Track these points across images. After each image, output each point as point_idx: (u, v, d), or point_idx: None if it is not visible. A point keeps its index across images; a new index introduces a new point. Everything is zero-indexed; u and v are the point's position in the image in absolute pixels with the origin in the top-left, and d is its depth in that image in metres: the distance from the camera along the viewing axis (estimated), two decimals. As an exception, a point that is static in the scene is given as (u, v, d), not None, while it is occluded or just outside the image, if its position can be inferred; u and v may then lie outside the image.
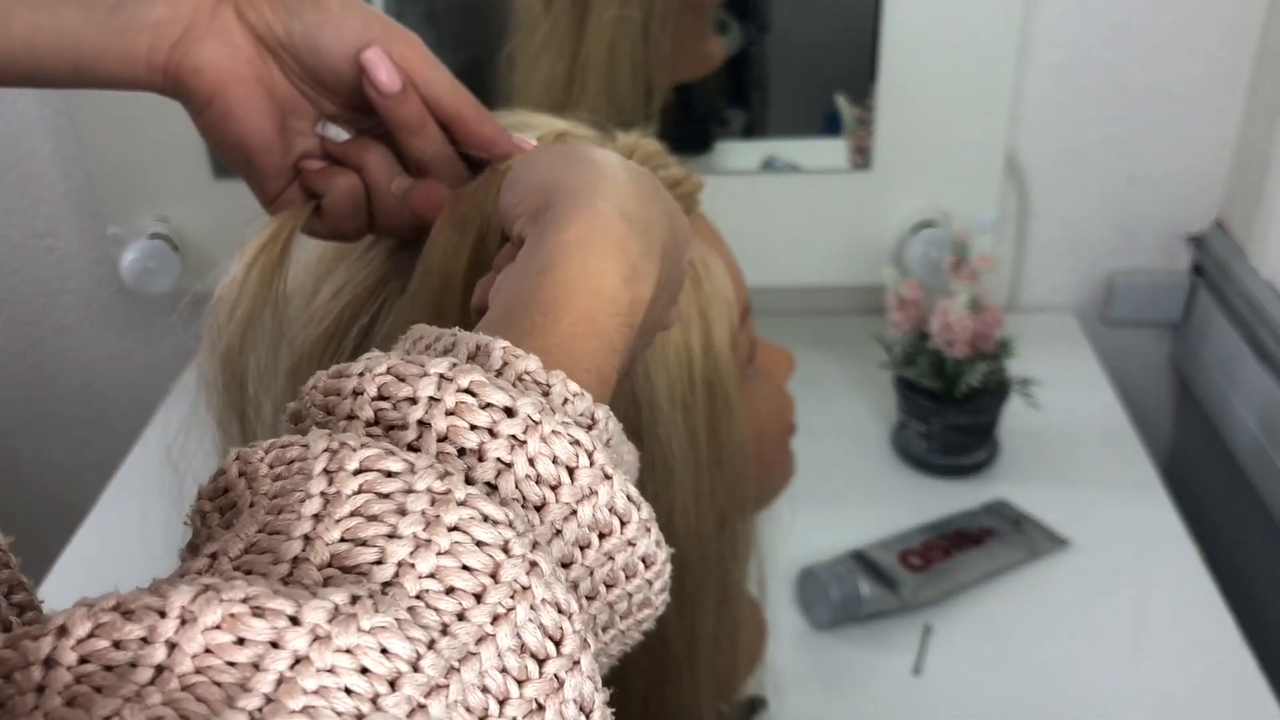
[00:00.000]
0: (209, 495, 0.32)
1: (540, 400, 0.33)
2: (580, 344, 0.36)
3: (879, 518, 0.99)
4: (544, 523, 0.32)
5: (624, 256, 0.38)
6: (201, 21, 0.44)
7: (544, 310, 0.36)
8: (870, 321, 1.17)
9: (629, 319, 0.38)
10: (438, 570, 0.28)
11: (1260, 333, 1.07)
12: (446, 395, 0.32)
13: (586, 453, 0.33)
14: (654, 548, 0.35)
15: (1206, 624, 0.89)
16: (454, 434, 0.32)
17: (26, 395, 1.40)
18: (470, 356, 0.35)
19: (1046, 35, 1.12)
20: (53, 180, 1.24)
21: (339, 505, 0.29)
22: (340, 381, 0.34)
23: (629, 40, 1.02)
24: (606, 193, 0.39)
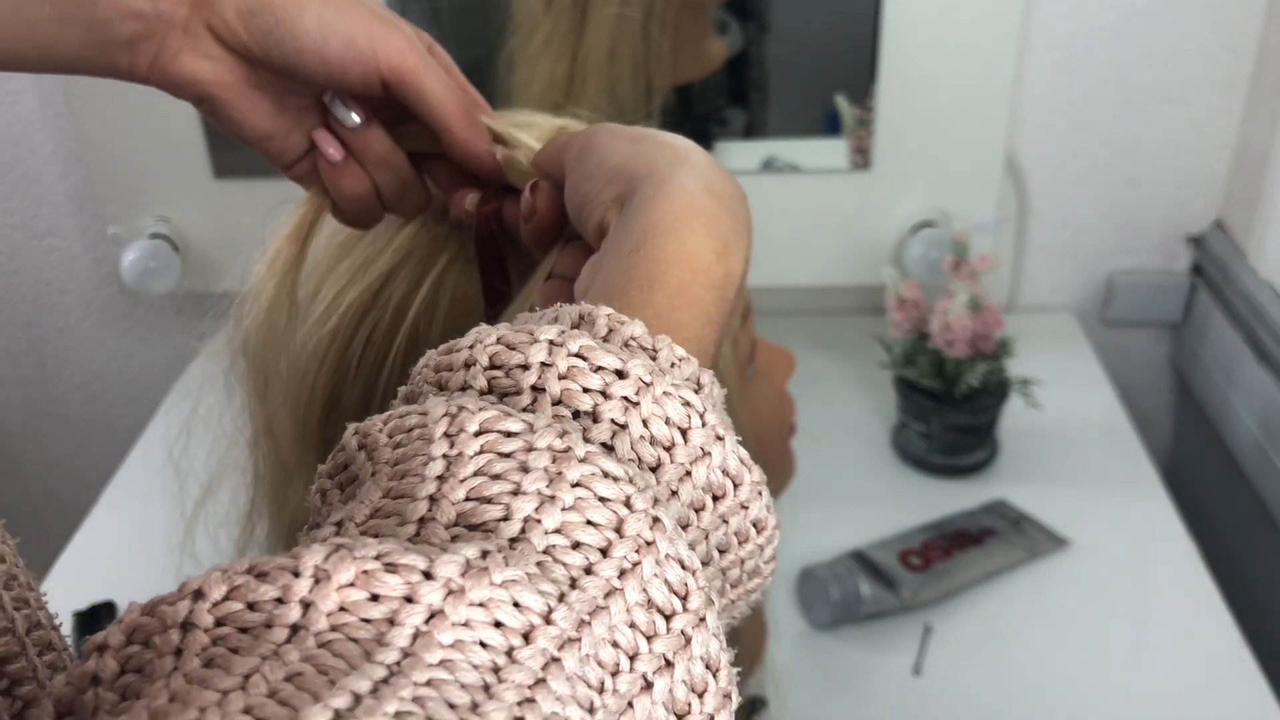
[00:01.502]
0: (328, 473, 0.32)
1: (649, 362, 0.33)
2: (678, 314, 0.36)
3: (879, 518, 0.99)
4: (660, 483, 0.32)
5: (715, 231, 0.38)
6: (174, 38, 0.43)
7: (639, 284, 0.36)
8: (870, 321, 1.17)
9: (723, 291, 0.38)
10: (563, 525, 0.28)
11: (1260, 333, 1.07)
12: (558, 360, 0.32)
13: (698, 414, 0.33)
14: (765, 512, 0.35)
15: (1206, 623, 0.89)
16: (568, 397, 0.32)
17: (27, 395, 1.40)
18: (575, 325, 0.35)
19: (1046, 36, 1.12)
20: (53, 180, 1.24)
21: (462, 466, 0.29)
22: (451, 356, 0.34)
23: (629, 40, 1.02)
24: (691, 172, 0.39)
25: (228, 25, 0.43)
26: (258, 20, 0.43)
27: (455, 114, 0.47)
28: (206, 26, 0.43)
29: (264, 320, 0.51)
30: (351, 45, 0.44)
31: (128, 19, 0.43)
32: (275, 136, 0.47)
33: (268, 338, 0.52)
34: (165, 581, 0.61)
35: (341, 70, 0.44)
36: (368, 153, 0.48)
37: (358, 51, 0.44)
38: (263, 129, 0.47)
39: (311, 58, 0.43)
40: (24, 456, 1.45)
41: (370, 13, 0.44)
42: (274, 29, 0.43)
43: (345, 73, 0.44)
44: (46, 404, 1.41)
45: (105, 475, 1.11)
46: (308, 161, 0.49)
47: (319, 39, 0.43)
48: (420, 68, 0.45)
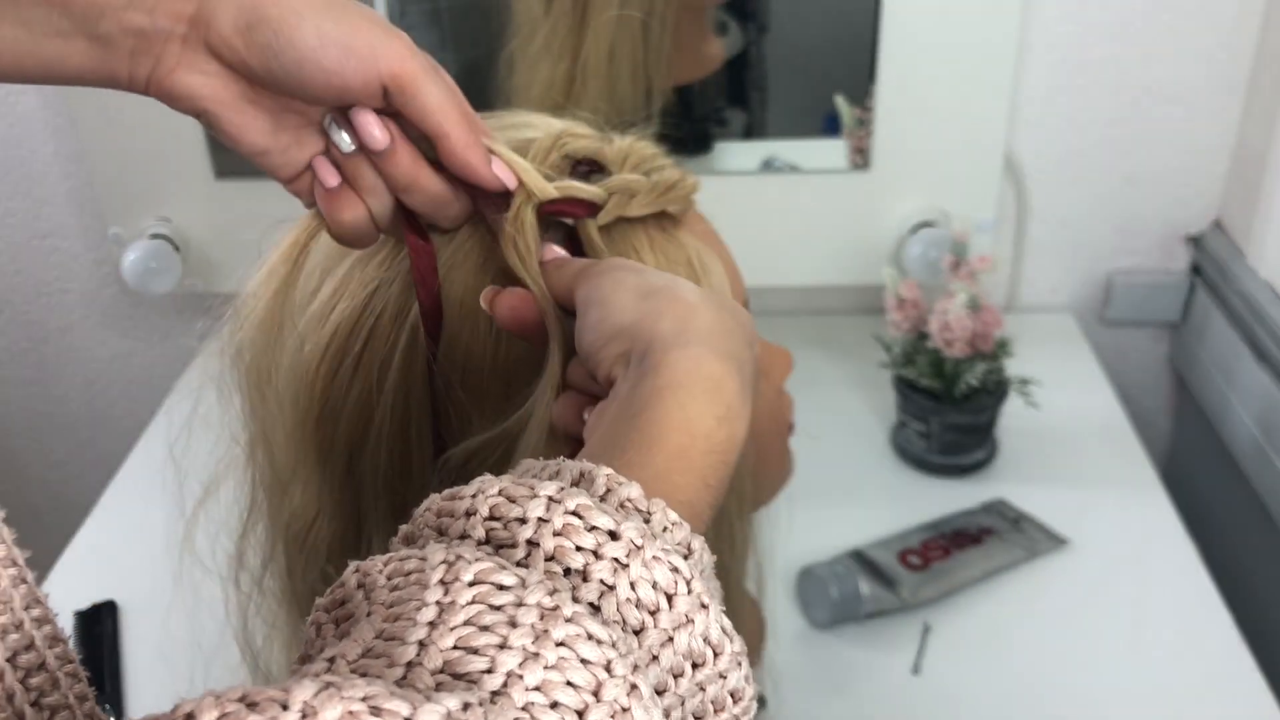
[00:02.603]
0: (325, 607, 0.33)
1: (642, 525, 0.34)
2: (675, 477, 0.37)
3: (878, 517, 0.99)
4: (642, 647, 0.33)
5: (719, 396, 0.39)
6: (171, 54, 0.43)
7: (639, 445, 0.38)
8: (869, 321, 1.17)
9: (723, 456, 0.39)
10: (544, 684, 0.29)
11: (1258, 332, 1.08)
12: (555, 516, 0.33)
13: (685, 580, 0.34)
14: (743, 683, 0.36)
15: (1205, 622, 0.89)
16: (561, 554, 0.33)
17: (29, 394, 1.41)
18: (574, 482, 0.36)
19: (1045, 36, 1.12)
20: (55, 181, 1.25)
21: (453, 614, 0.30)
22: (454, 503, 0.35)
23: (629, 42, 1.02)
24: (697, 336, 0.40)
25: (225, 41, 0.43)
26: (256, 35, 0.43)
27: (455, 121, 0.46)
28: (204, 43, 0.43)
29: (257, 335, 0.52)
30: (351, 53, 0.43)
31: (127, 35, 0.43)
32: (272, 152, 0.47)
33: (262, 352, 0.52)
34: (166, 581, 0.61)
35: (342, 78, 0.44)
36: (362, 179, 0.48)
37: (358, 59, 0.44)
38: (259, 144, 0.47)
39: (311, 67, 0.43)
40: (25, 456, 1.45)
41: (369, 21, 0.44)
42: (273, 42, 0.43)
43: (345, 81, 0.44)
44: (48, 404, 1.41)
45: (106, 475, 1.11)
46: (306, 178, 0.49)
47: (318, 48, 0.43)
48: (420, 73, 0.45)
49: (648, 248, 0.51)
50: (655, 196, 0.51)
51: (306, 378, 0.51)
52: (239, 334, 0.52)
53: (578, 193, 0.50)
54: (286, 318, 0.51)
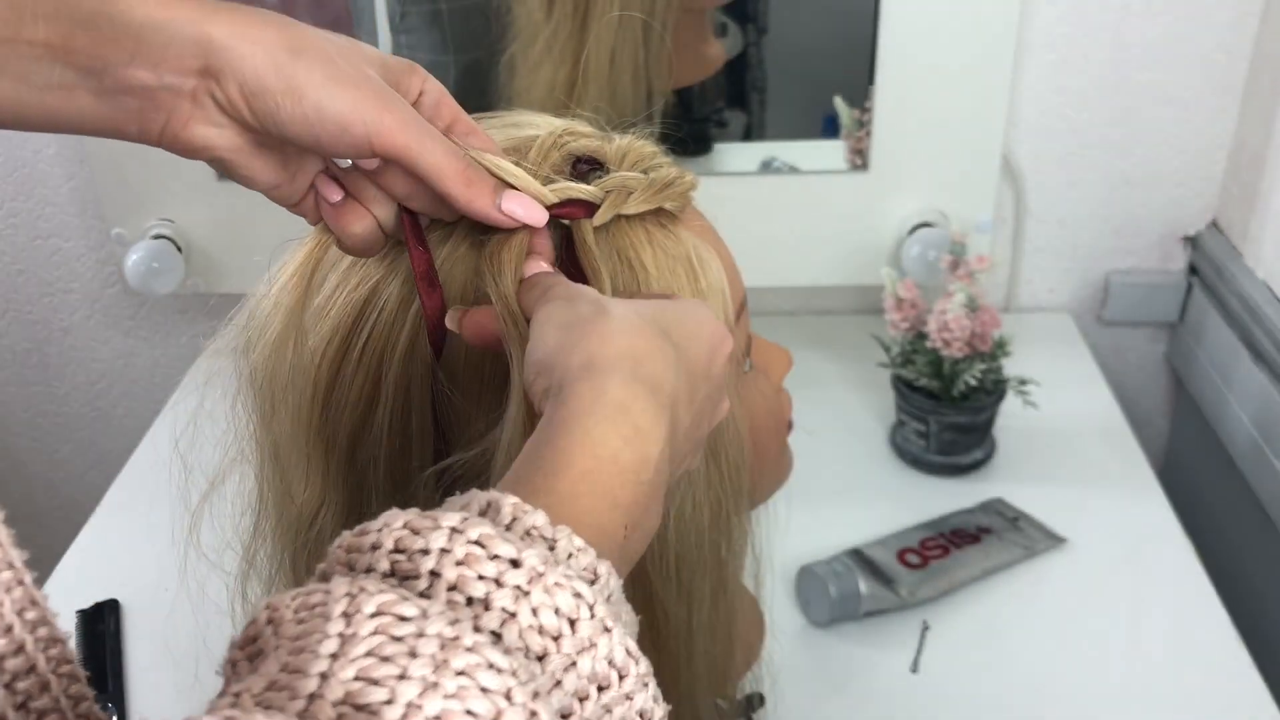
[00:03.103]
0: (240, 644, 0.34)
1: (545, 553, 0.35)
2: (581, 500, 0.38)
3: (877, 516, 0.99)
4: (545, 672, 0.33)
5: (624, 419, 0.39)
6: (183, 109, 0.44)
7: (546, 473, 0.38)
8: (868, 321, 1.18)
9: (634, 476, 0.39)
10: (443, 713, 0.29)
11: (1255, 332, 1.08)
12: (456, 546, 0.34)
13: (588, 605, 0.34)
14: (650, 703, 0.36)
15: (1202, 621, 0.90)
16: (462, 583, 0.34)
17: (32, 394, 1.41)
18: (482, 512, 0.36)
19: (1043, 37, 1.12)
20: (58, 181, 1.25)
21: (355, 645, 0.30)
22: (361, 539, 0.35)
23: (630, 45, 1.02)
24: (604, 365, 0.41)
25: (231, 102, 0.44)
26: (259, 102, 0.44)
27: (454, 182, 0.47)
28: (211, 98, 0.44)
29: (271, 353, 0.52)
30: (346, 131, 0.45)
31: (133, 91, 0.43)
32: (283, 184, 0.49)
33: (276, 369, 0.52)
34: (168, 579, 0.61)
35: (336, 150, 0.46)
36: (364, 190, 0.49)
37: (351, 136, 0.45)
38: (272, 181, 0.48)
39: (309, 140, 0.45)
40: (28, 456, 1.46)
41: (365, 92, 0.45)
42: (274, 113, 0.44)
43: (341, 152, 0.46)
44: (50, 404, 1.42)
45: (109, 475, 1.12)
46: (311, 198, 0.50)
47: (316, 124, 0.44)
48: (413, 145, 0.46)
49: (646, 244, 0.51)
50: (652, 193, 0.52)
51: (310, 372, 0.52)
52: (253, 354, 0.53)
53: (575, 194, 0.50)
54: (300, 333, 0.52)
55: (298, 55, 0.44)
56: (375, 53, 0.48)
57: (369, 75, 0.46)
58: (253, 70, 0.43)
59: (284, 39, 0.44)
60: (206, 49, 0.43)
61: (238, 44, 0.43)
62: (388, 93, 0.46)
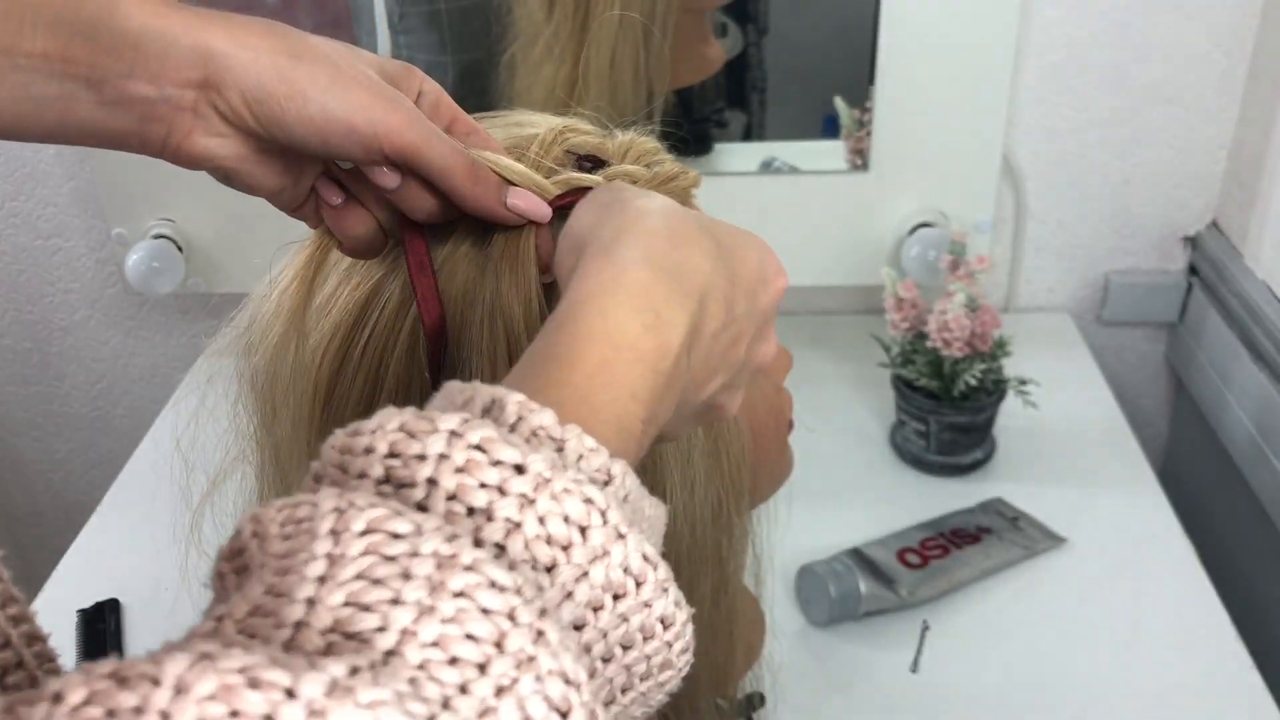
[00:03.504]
0: (225, 556, 0.32)
1: (553, 456, 0.33)
2: (598, 394, 0.36)
3: (877, 516, 0.99)
4: (555, 585, 0.32)
5: (645, 303, 0.37)
6: (184, 120, 0.44)
7: (560, 362, 0.36)
8: (868, 321, 1.18)
9: (653, 365, 0.37)
10: (441, 639, 0.28)
11: (1255, 332, 1.08)
12: (456, 452, 0.32)
13: (599, 511, 0.33)
14: (672, 608, 0.35)
15: (1202, 621, 0.90)
16: (463, 492, 0.32)
17: (32, 394, 1.41)
18: (485, 410, 0.34)
19: (1043, 37, 1.12)
20: (58, 181, 1.25)
21: (343, 567, 0.28)
22: (354, 439, 0.33)
23: (630, 45, 1.03)
24: (632, 241, 0.39)
25: (234, 110, 0.44)
26: (263, 108, 0.44)
27: (461, 180, 0.47)
28: (213, 107, 0.44)
29: (273, 356, 0.52)
30: (353, 131, 0.44)
31: (133, 103, 0.43)
32: (286, 190, 0.49)
33: (277, 371, 0.52)
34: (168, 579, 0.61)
35: (344, 152, 0.45)
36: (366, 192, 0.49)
37: (359, 136, 0.45)
38: (275, 187, 0.48)
39: (315, 142, 0.45)
40: (28, 455, 1.46)
41: (370, 93, 0.45)
42: (279, 117, 0.44)
43: (347, 154, 0.45)
44: (51, 403, 1.42)
45: (109, 474, 1.12)
46: (312, 203, 0.50)
47: (323, 126, 0.44)
48: (420, 144, 0.46)
49: None
50: (655, 186, 0.52)
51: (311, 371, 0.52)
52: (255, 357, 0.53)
53: (578, 183, 0.50)
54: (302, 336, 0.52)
55: (299, 59, 0.44)
56: (371, 56, 0.48)
57: (371, 76, 0.46)
58: (255, 76, 0.43)
59: (284, 45, 0.44)
60: (206, 58, 0.43)
61: (237, 51, 0.43)
62: (392, 92, 0.46)
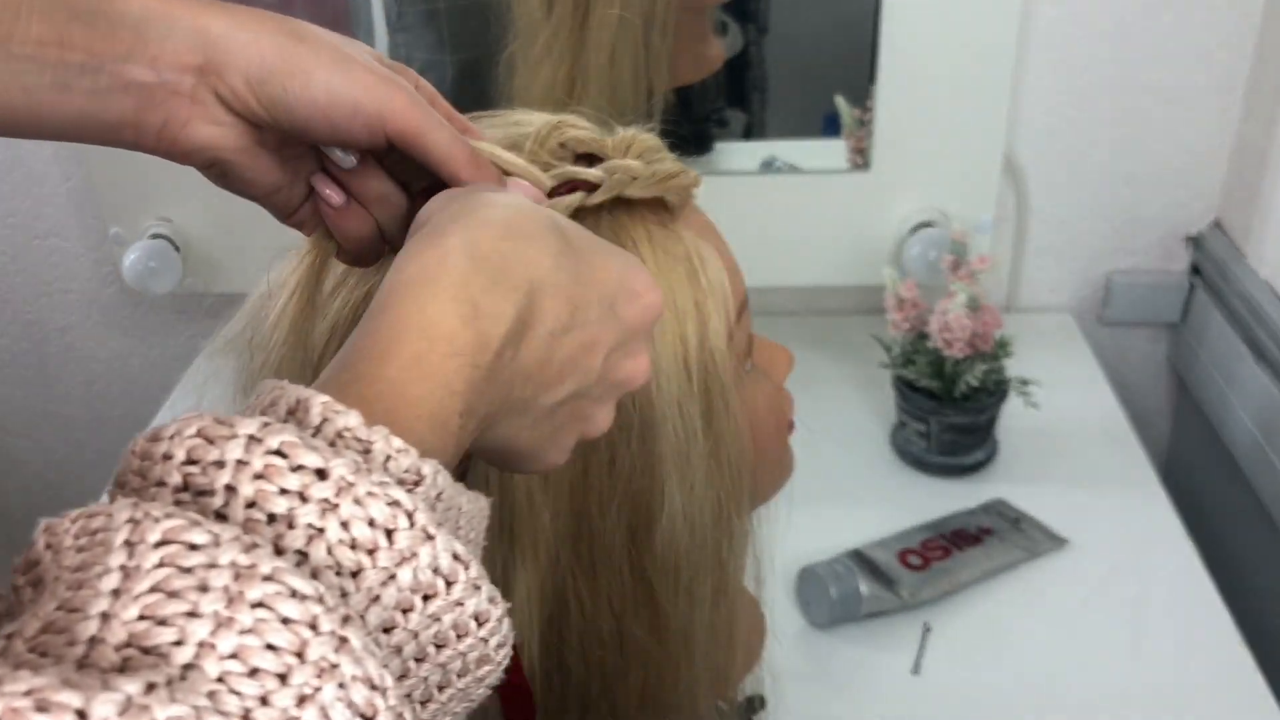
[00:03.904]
0: (20, 569, 0.31)
1: (357, 460, 0.32)
2: (411, 388, 0.35)
3: (878, 517, 0.99)
4: (360, 590, 0.31)
5: (462, 294, 0.36)
6: (182, 108, 0.43)
7: (371, 356, 0.35)
8: (869, 321, 1.17)
9: (471, 359, 0.36)
10: (240, 650, 0.27)
11: (1258, 333, 1.08)
12: (255, 457, 0.31)
13: (406, 513, 0.32)
14: (485, 604, 0.34)
15: (1204, 622, 0.90)
16: (262, 499, 0.31)
17: (29, 394, 1.41)
18: (290, 412, 0.33)
19: (1044, 36, 1.12)
20: (55, 181, 1.25)
21: (138, 580, 0.28)
22: (153, 445, 0.32)
23: (630, 44, 1.02)
24: (458, 230, 0.38)
25: (236, 94, 0.43)
26: (267, 88, 0.43)
27: (461, 165, 0.46)
28: (213, 93, 0.43)
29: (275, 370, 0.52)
30: (359, 110, 0.44)
31: (129, 89, 0.42)
32: (281, 189, 0.48)
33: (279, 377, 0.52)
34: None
35: (349, 133, 0.45)
36: (368, 192, 0.48)
37: (365, 116, 0.44)
38: (271, 184, 0.47)
39: (320, 123, 0.44)
40: (25, 455, 1.45)
41: (373, 73, 0.44)
42: (283, 97, 0.43)
43: (352, 135, 0.45)
44: (48, 403, 1.42)
45: (106, 474, 1.11)
46: (307, 207, 0.49)
47: (327, 105, 0.43)
48: (423, 125, 0.45)
49: (646, 241, 0.51)
50: (655, 182, 0.51)
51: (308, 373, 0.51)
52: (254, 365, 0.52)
53: (576, 176, 0.50)
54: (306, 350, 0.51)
55: (300, 39, 0.43)
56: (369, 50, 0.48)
57: (373, 62, 0.46)
58: (258, 56, 0.43)
59: (285, 27, 0.44)
60: (205, 41, 0.42)
61: (238, 33, 0.43)
62: (394, 77, 0.46)
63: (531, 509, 0.49)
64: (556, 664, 0.53)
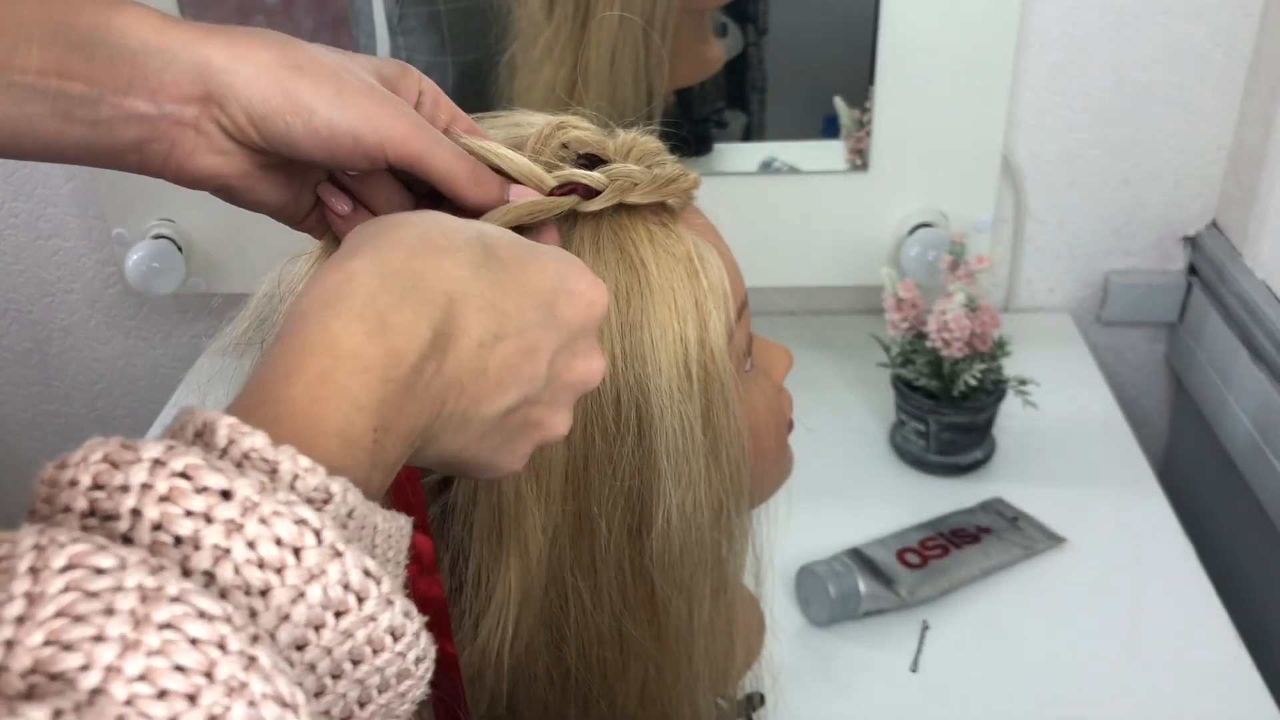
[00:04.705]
0: None
1: (261, 480, 0.32)
2: (318, 406, 0.35)
3: (877, 516, 1.00)
4: (269, 608, 0.31)
5: (368, 310, 0.36)
6: (187, 138, 0.43)
7: (277, 377, 0.35)
8: (868, 321, 1.18)
9: (381, 373, 0.36)
10: (148, 672, 0.27)
11: (1255, 332, 1.08)
12: (159, 481, 0.31)
13: (314, 531, 0.32)
14: (400, 619, 0.34)
15: (1201, 620, 0.90)
16: (168, 521, 0.31)
17: (32, 394, 1.41)
18: (197, 435, 0.33)
19: (1042, 37, 1.13)
20: (58, 181, 1.25)
21: (43, 606, 0.27)
22: (60, 472, 0.32)
23: (630, 46, 1.03)
24: (368, 251, 0.38)
25: (238, 127, 0.43)
26: (268, 124, 0.43)
27: (464, 184, 0.47)
28: (216, 123, 0.43)
29: None
30: (360, 143, 0.44)
31: (131, 120, 0.42)
32: (290, 204, 0.48)
33: None
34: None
35: (350, 163, 0.45)
36: (375, 198, 0.49)
37: (366, 146, 0.44)
38: (279, 201, 0.48)
39: (321, 155, 0.44)
40: (28, 455, 1.46)
41: (373, 101, 0.45)
42: (286, 133, 0.43)
43: (354, 164, 0.45)
44: (51, 403, 1.42)
45: (110, 474, 1.12)
46: (316, 214, 0.50)
47: (329, 139, 0.44)
48: (423, 151, 0.46)
49: (647, 242, 0.51)
50: (656, 187, 0.52)
51: None
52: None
53: (578, 179, 0.50)
54: None
55: (300, 72, 0.43)
56: (367, 60, 0.48)
57: (373, 84, 0.46)
58: (259, 93, 0.43)
59: (284, 58, 0.43)
60: (206, 74, 0.43)
61: (238, 66, 0.43)
62: (394, 100, 0.46)
63: (520, 508, 0.50)
64: (556, 661, 0.53)
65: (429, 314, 0.37)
